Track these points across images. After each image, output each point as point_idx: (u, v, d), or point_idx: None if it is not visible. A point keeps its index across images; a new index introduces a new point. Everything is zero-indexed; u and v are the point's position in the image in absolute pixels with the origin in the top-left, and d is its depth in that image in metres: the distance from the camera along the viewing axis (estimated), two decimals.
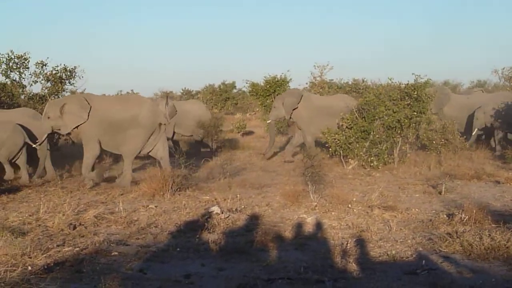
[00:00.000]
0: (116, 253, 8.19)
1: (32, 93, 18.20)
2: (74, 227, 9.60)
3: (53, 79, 18.13)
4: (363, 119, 16.98)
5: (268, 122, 21.05)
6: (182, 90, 46.16)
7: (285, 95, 19.65)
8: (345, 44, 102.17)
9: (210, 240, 8.69)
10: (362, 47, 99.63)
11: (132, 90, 44.41)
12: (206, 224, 9.65)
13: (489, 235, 8.15)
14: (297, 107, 18.96)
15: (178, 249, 8.40)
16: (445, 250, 8.09)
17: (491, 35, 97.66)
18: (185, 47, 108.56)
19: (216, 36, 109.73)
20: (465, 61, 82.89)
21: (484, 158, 18.64)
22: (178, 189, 12.80)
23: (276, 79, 27.40)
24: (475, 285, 6.58)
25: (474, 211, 9.54)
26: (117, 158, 17.68)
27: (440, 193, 12.53)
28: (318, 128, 18.29)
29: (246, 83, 29.17)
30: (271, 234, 8.95)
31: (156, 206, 11.43)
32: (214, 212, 10.42)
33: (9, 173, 14.88)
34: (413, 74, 18.31)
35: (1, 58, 17.82)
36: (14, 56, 17.88)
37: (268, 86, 27.10)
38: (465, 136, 19.56)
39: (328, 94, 28.88)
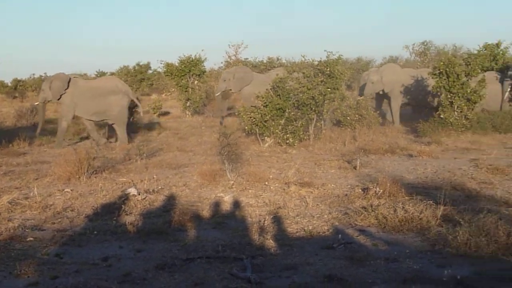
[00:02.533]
0: (31, 238, 7.99)
1: None
2: None
3: None
4: (278, 96, 17.06)
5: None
6: (96, 72, 45.36)
7: (52, 78, 18.93)
8: (260, 22, 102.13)
9: (127, 222, 8.59)
10: (276, 26, 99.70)
11: (45, 73, 43.48)
12: (123, 206, 9.52)
13: (403, 207, 8.33)
14: (64, 92, 18.49)
15: (95, 232, 8.26)
16: (360, 224, 8.25)
17: (402, 12, 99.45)
18: (97, 29, 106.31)
19: (129, 16, 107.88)
20: (377, 38, 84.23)
21: (398, 132, 19.08)
22: (94, 172, 12.59)
23: (191, 59, 27.32)
24: (390, 256, 6.72)
25: (388, 184, 9.75)
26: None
27: (355, 168, 12.75)
28: (86, 111, 18.40)
29: (161, 63, 29.02)
30: (189, 213, 8.90)
31: (72, 190, 11.17)
32: (131, 194, 10.27)
33: None
34: (325, 50, 18.53)
35: None
36: None
37: (183, 66, 27.04)
38: None
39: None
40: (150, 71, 44.08)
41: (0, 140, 17.50)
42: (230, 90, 23.27)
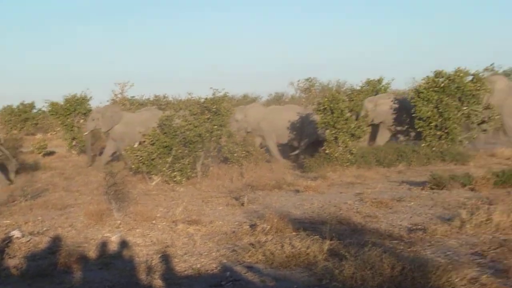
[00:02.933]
0: None
1: None
2: None
3: None
4: (165, 134, 16.97)
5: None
6: None
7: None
8: (148, 59, 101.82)
9: (11, 266, 8.32)
10: (163, 63, 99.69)
11: None
12: (6, 249, 9.21)
13: (290, 243, 8.38)
14: None
15: None
16: (248, 260, 8.21)
17: (285, 48, 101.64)
18: None
19: (13, 56, 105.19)
20: (263, 75, 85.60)
21: (284, 168, 19.30)
22: None
23: (76, 98, 26.95)
24: None
25: (275, 220, 9.80)
26: None
27: (242, 204, 12.76)
28: None
29: (46, 102, 28.43)
30: (75, 255, 8.67)
31: None
32: (15, 236, 9.96)
33: None
34: (211, 88, 18.69)
35: None
36: None
37: (68, 105, 26.64)
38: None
39: (130, 111, 28.77)
40: (34, 110, 42.99)
41: None
42: (100, 129, 23.04)
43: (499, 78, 23.29)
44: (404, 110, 22.14)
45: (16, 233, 10.12)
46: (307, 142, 21.94)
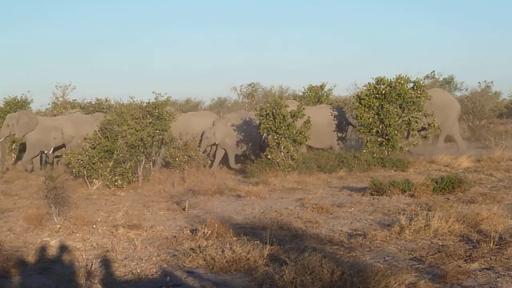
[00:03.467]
0: None
1: None
2: None
3: None
4: (106, 138, 16.85)
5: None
6: None
7: None
8: (89, 63, 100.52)
9: None
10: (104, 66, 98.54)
11: None
12: None
13: (231, 248, 8.42)
14: None
15: None
16: (189, 265, 8.23)
17: (231, 55, 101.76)
18: None
19: None
20: (206, 79, 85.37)
21: (226, 173, 19.34)
22: None
23: (17, 100, 26.54)
24: None
25: (217, 225, 9.84)
26: None
27: (184, 209, 12.76)
28: None
29: None
30: (13, 259, 8.59)
31: None
32: None
33: None
34: (153, 92, 18.62)
35: None
36: None
37: (8, 107, 26.18)
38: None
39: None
40: None
41: None
42: (14, 135, 22.60)
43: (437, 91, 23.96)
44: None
45: None
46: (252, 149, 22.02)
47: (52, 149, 21.88)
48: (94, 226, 11.13)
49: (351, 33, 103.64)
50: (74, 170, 16.81)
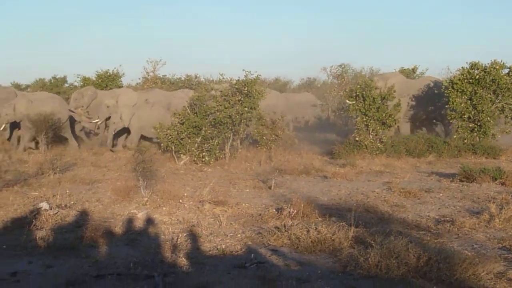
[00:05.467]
0: None
1: None
2: None
3: None
4: (195, 114, 17.01)
5: None
6: (11, 84, 44.27)
7: None
8: (180, 39, 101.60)
9: (38, 237, 8.38)
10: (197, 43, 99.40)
11: None
12: (34, 220, 9.32)
13: (316, 228, 8.38)
14: None
15: (4, 246, 8.07)
16: (273, 244, 8.24)
17: (322, 34, 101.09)
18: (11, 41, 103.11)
19: (46, 29, 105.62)
20: (296, 59, 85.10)
21: (313, 154, 19.24)
22: (6, 185, 12.30)
23: (108, 74, 27.05)
24: (302, 277, 6.73)
25: (302, 205, 9.81)
26: None
27: (270, 188, 12.78)
28: None
29: (78, 77, 28.55)
30: (101, 230, 8.76)
31: None
32: (43, 208, 10.07)
33: None
34: (243, 70, 18.67)
35: None
36: None
37: (100, 80, 26.75)
38: None
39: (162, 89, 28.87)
40: (66, 85, 43.23)
41: None
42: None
43: None
44: None
45: (44, 205, 10.24)
46: None
47: (3, 125, 21.39)
48: (180, 200, 11.26)
49: (451, 12, 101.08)
50: (162, 144, 17.07)
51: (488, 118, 19.75)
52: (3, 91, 23.14)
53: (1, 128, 21.21)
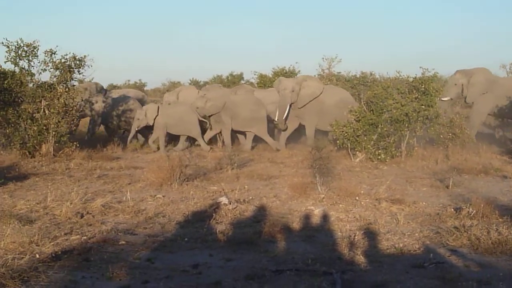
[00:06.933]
0: (123, 242, 8.19)
1: (40, 82, 18.06)
2: (82, 216, 9.61)
3: (62, 67, 17.99)
4: (371, 112, 16.93)
5: None
6: (190, 80, 46.04)
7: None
8: (356, 37, 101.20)
9: (218, 231, 8.69)
10: (373, 41, 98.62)
11: (140, 80, 44.45)
12: (214, 214, 9.68)
13: (496, 229, 8.12)
14: None
15: (186, 239, 8.41)
16: (452, 244, 8.06)
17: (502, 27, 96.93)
18: (190, 35, 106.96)
19: (223, 28, 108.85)
20: (474, 55, 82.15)
21: (492, 153, 18.56)
22: (186, 179, 12.84)
23: (285, 71, 27.32)
24: (483, 278, 6.55)
25: (482, 205, 9.50)
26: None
27: (447, 187, 12.48)
28: None
29: (255, 74, 29.12)
30: (279, 225, 8.92)
31: (163, 196, 11.44)
32: (222, 203, 10.41)
33: None
34: (420, 67, 18.31)
35: (11, 46, 17.61)
36: (24, 44, 17.59)
37: (276, 77, 27.05)
38: None
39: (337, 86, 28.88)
40: (243, 81, 44.29)
41: (95, 145, 18.12)
42: None
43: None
44: None
45: (223, 200, 10.60)
46: None
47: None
48: (357, 198, 11.24)
49: None
50: (338, 141, 17.12)
51: None
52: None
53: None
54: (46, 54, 17.97)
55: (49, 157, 16.66)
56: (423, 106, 17.16)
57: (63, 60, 18.01)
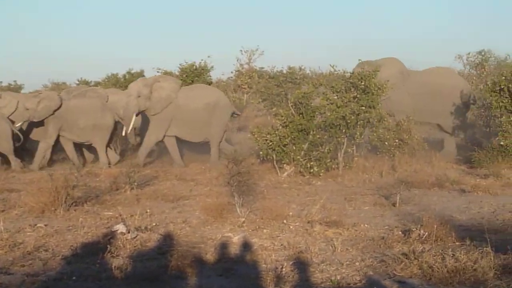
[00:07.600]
0: None
1: None
2: None
3: None
4: (301, 115, 17.02)
5: None
6: (78, 80, 45.51)
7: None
8: (281, 24, 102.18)
9: (114, 266, 8.55)
10: (302, 28, 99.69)
11: (15, 82, 43.63)
12: (108, 246, 9.49)
13: (453, 255, 8.24)
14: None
15: (73, 278, 8.25)
16: (400, 274, 8.15)
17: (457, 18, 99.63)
18: (80, 31, 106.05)
19: (120, 16, 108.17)
20: (426, 46, 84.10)
21: (447, 162, 18.97)
22: (74, 204, 12.64)
23: (194, 67, 27.22)
24: None
25: (435, 226, 9.67)
26: None
27: (394, 205, 12.69)
28: None
29: (158, 72, 29.01)
30: (190, 257, 8.87)
31: (46, 225, 11.23)
32: (119, 231, 10.29)
33: None
34: (359, 60, 18.55)
35: None
36: None
37: (184, 75, 26.94)
38: None
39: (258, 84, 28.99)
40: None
41: None
42: None
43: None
44: None
45: (120, 228, 10.46)
46: None
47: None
48: (284, 221, 11.30)
49: None
50: (261, 152, 17.16)
51: None
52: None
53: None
54: None
55: None
56: (363, 108, 17.38)
57: None
